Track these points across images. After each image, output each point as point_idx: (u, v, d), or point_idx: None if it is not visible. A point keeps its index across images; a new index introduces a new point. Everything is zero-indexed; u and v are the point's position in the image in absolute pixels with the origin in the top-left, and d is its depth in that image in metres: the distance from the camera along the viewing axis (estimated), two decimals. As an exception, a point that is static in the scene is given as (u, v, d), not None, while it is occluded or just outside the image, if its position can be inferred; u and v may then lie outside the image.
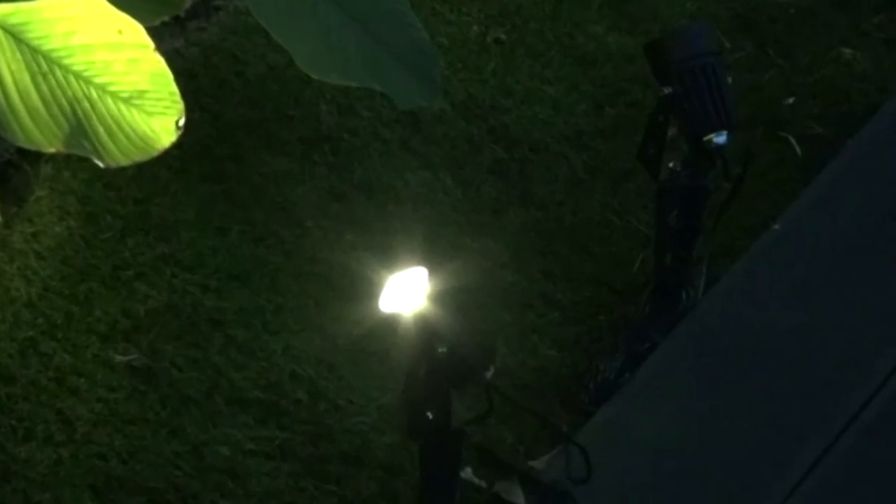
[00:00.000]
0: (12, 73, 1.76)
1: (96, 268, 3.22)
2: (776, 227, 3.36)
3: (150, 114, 1.78)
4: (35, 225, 3.26)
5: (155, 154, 1.79)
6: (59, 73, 1.77)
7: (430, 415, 2.50)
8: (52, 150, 1.79)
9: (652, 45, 3.02)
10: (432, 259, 2.75)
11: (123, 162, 1.79)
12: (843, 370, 3.12)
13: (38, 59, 1.77)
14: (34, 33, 1.76)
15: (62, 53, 1.76)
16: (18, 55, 1.76)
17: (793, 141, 3.61)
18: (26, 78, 1.76)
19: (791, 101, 3.71)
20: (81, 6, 1.75)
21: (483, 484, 2.94)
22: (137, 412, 3.04)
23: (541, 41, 3.78)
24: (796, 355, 3.14)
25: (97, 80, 1.77)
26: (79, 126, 1.77)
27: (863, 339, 3.17)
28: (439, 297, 2.41)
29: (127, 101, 1.77)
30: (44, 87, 1.77)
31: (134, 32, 1.75)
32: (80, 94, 1.77)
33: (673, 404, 3.09)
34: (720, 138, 2.91)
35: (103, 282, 3.20)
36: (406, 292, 2.39)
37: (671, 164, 3.00)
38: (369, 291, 2.46)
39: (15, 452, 2.97)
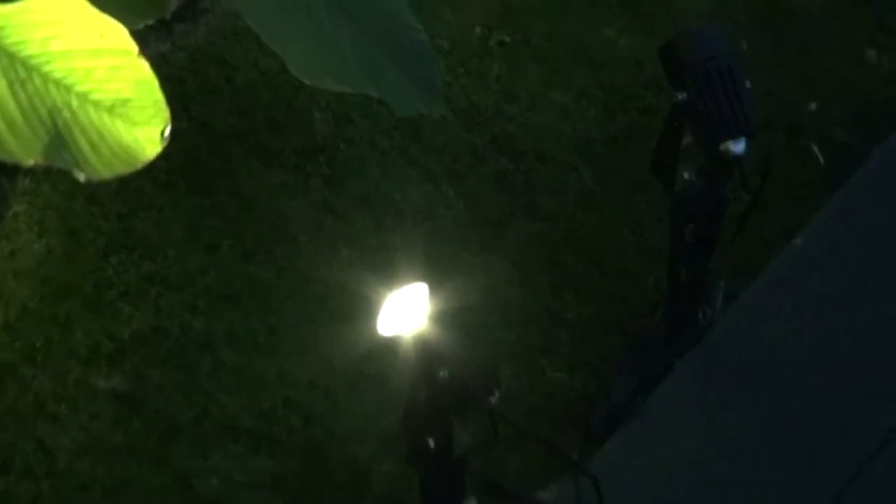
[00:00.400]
0: (-13, 82, 1.76)
1: (78, 287, 3.22)
2: (798, 241, 3.36)
3: (134, 123, 1.78)
4: (12, 242, 3.26)
5: (139, 166, 1.79)
6: (37, 80, 1.77)
7: (431, 442, 2.50)
8: (30, 162, 1.79)
9: (665, 49, 3.02)
10: (433, 276, 2.74)
11: (106, 175, 1.79)
12: (873, 390, 3.12)
13: (15, 66, 1.77)
14: (11, 38, 1.76)
15: (41, 60, 1.76)
16: (-6, 62, 1.76)
17: (815, 148, 3.60)
18: (3, 86, 1.76)
19: (813, 105, 3.71)
20: (61, 9, 1.74)
21: (488, 515, 2.94)
22: (122, 441, 3.04)
23: (547, 43, 3.78)
24: (821, 377, 3.14)
25: (78, 88, 1.77)
26: (59, 137, 1.76)
27: (890, 357, 3.17)
28: (441, 317, 2.40)
29: (109, 110, 1.77)
30: (22, 96, 1.76)
31: (117, 37, 1.75)
32: (59, 103, 1.76)
33: (689, 429, 3.08)
34: (738, 146, 2.91)
35: (85, 302, 3.20)
36: (406, 311, 2.39)
37: (686, 174, 3.00)
38: (367, 311, 2.46)
39: (-9, 484, 2.98)
